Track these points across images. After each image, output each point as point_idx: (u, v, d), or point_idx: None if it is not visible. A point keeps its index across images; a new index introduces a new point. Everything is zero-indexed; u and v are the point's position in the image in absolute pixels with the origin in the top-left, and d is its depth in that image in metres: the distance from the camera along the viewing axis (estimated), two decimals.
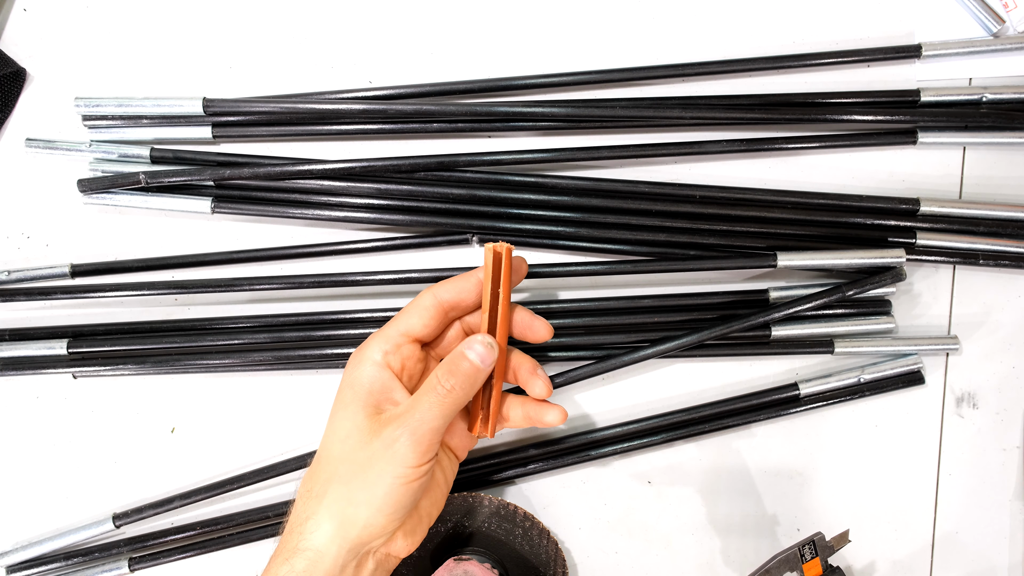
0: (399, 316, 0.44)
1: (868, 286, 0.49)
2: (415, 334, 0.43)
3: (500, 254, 0.43)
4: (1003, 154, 0.52)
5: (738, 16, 0.53)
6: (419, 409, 0.40)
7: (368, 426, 0.41)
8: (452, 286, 0.43)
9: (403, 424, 0.40)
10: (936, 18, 0.52)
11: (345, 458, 0.40)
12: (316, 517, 0.40)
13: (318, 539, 0.39)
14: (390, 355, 0.42)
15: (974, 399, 0.52)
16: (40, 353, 0.53)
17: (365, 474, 0.40)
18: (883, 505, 0.52)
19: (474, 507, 0.51)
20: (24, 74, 0.55)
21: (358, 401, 0.41)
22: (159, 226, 0.55)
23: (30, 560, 0.53)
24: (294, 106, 0.52)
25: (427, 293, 0.43)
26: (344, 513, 0.39)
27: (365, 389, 0.42)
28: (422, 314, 0.43)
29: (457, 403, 0.41)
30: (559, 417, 0.45)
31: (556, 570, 0.51)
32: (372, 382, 0.42)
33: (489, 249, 0.43)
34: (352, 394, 0.42)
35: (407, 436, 0.39)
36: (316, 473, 0.41)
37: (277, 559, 0.40)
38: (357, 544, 0.40)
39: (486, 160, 0.51)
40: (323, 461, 0.41)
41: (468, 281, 0.43)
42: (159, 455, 0.54)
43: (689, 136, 0.52)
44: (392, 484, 0.39)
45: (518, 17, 0.54)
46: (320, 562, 0.39)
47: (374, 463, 0.40)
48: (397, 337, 0.43)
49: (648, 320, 0.51)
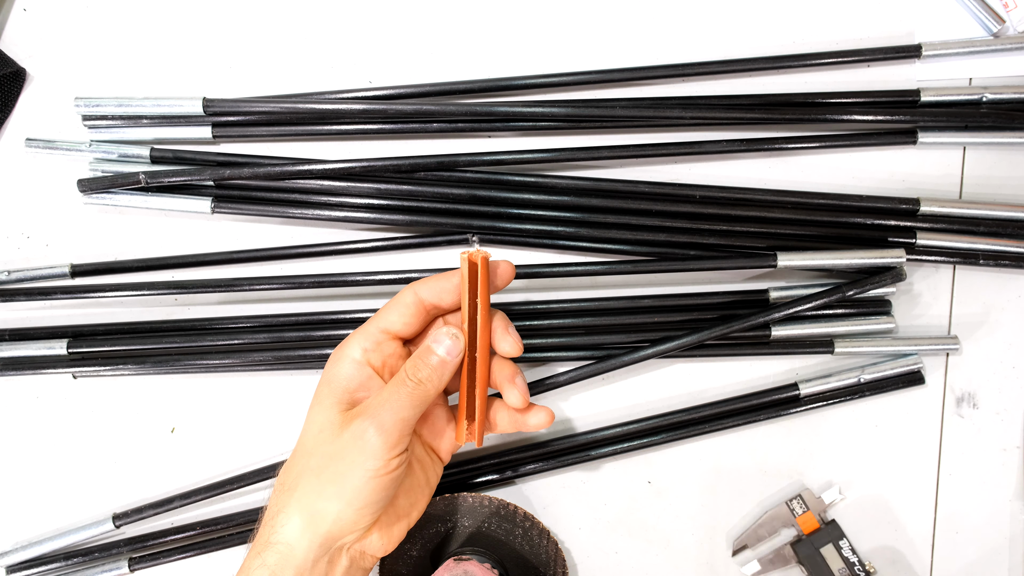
0: (380, 313, 0.43)
1: (868, 286, 0.49)
2: (395, 331, 0.43)
3: (475, 263, 0.42)
4: (1003, 154, 0.52)
5: (738, 16, 0.53)
6: (388, 401, 0.40)
7: (340, 420, 0.40)
8: (433, 285, 0.43)
9: (371, 416, 0.40)
10: (936, 18, 0.52)
11: (316, 451, 0.40)
12: (287, 510, 0.40)
13: (289, 533, 0.39)
14: (370, 352, 0.42)
15: (974, 399, 0.52)
16: (40, 353, 0.53)
17: (335, 467, 0.39)
18: (883, 505, 0.52)
19: (474, 507, 0.51)
20: (24, 74, 0.55)
21: (333, 396, 0.41)
22: (159, 226, 0.55)
23: (30, 560, 0.53)
24: (294, 106, 0.52)
25: (408, 290, 0.43)
26: (314, 507, 0.39)
27: (342, 386, 0.41)
28: (403, 311, 0.43)
29: (427, 395, 0.41)
30: (544, 420, 0.45)
31: (556, 570, 0.51)
32: (349, 379, 0.42)
33: (464, 258, 0.42)
34: (328, 390, 0.42)
35: (375, 428, 0.39)
36: (289, 467, 0.41)
37: (251, 553, 0.40)
38: (328, 538, 0.39)
39: (486, 160, 0.51)
40: (296, 456, 0.41)
41: (449, 281, 0.43)
42: (159, 455, 0.54)
43: (689, 136, 0.52)
44: (362, 477, 0.39)
45: (518, 17, 0.54)
46: (291, 556, 0.39)
47: (344, 456, 0.39)
48: (377, 334, 0.43)
49: (648, 320, 0.51)
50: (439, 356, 0.41)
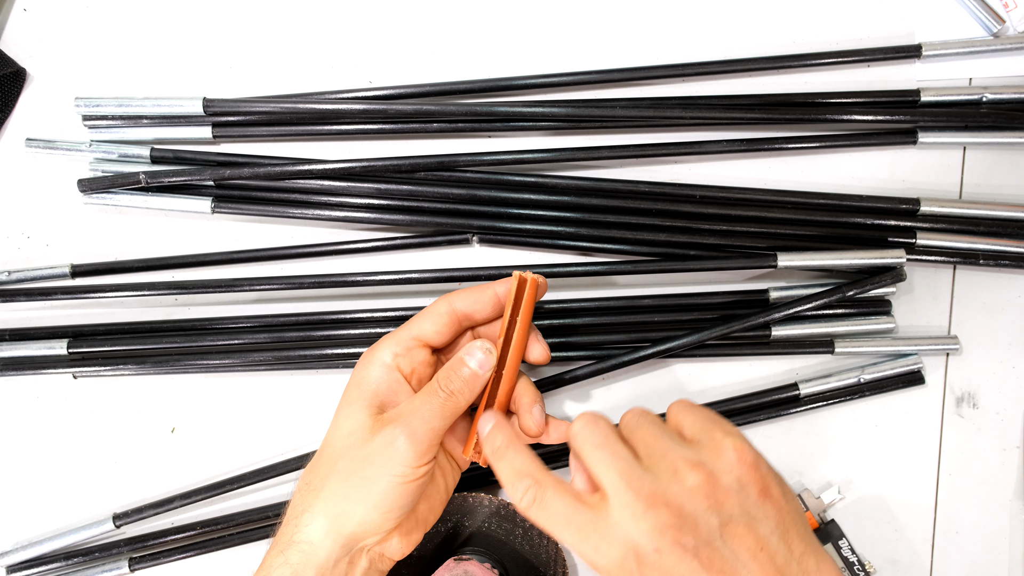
0: (413, 320, 0.44)
1: (868, 286, 0.49)
2: (427, 339, 0.43)
3: (525, 282, 0.43)
4: (1003, 154, 0.52)
5: (738, 16, 0.53)
6: (420, 410, 0.40)
7: (370, 424, 0.41)
8: (468, 297, 0.43)
9: (403, 424, 0.40)
10: (936, 18, 0.52)
11: (345, 454, 0.41)
12: (312, 510, 0.40)
13: (312, 532, 0.40)
14: (400, 357, 0.42)
15: (974, 399, 0.52)
16: (40, 353, 0.53)
17: (363, 471, 0.40)
18: (883, 505, 0.52)
19: (474, 507, 0.51)
20: (24, 74, 0.55)
21: (363, 399, 0.41)
22: (159, 226, 0.55)
23: (30, 560, 0.53)
24: (294, 106, 0.52)
25: (443, 300, 0.44)
26: (340, 508, 0.40)
27: (371, 389, 0.42)
28: (436, 320, 0.43)
29: (458, 407, 0.41)
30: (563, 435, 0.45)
31: (556, 570, 0.51)
32: (379, 382, 0.42)
33: (515, 276, 0.43)
34: (358, 392, 0.42)
35: (406, 436, 0.40)
36: (316, 467, 0.42)
37: (273, 550, 0.41)
38: (351, 540, 0.40)
39: (486, 160, 0.51)
40: (324, 456, 0.42)
41: (484, 293, 0.43)
42: (159, 455, 0.54)
43: (689, 136, 0.52)
44: (389, 483, 0.39)
45: (518, 17, 0.54)
46: (313, 555, 0.39)
47: (372, 461, 0.40)
48: (408, 340, 0.43)
49: (648, 320, 0.51)
50: (471, 369, 0.42)
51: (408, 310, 0.52)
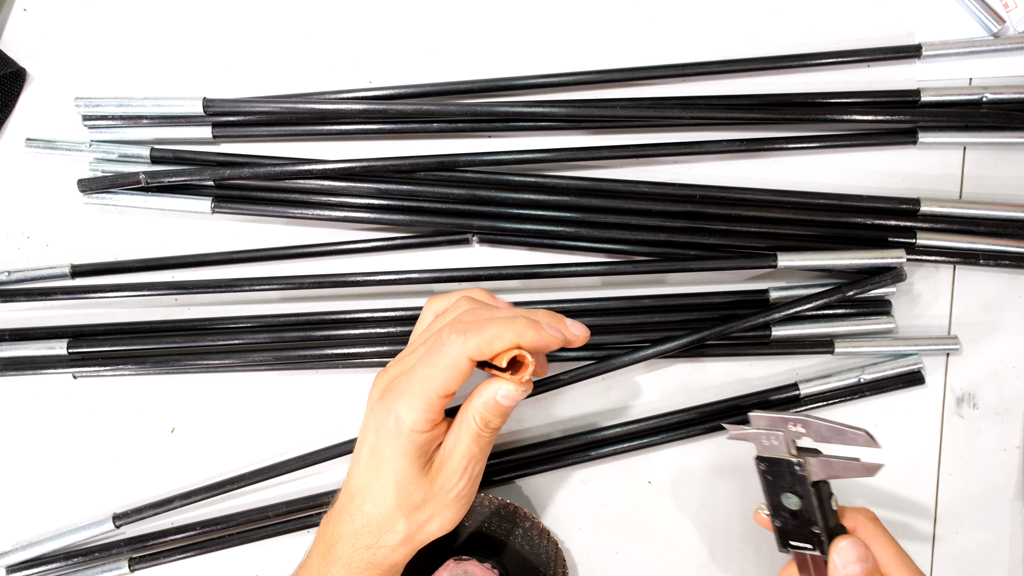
0: (438, 377, 0.41)
1: (868, 286, 0.49)
2: (452, 392, 0.42)
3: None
4: (1003, 154, 0.52)
5: (738, 16, 0.53)
6: (468, 453, 0.42)
7: (420, 476, 0.42)
8: (487, 345, 0.41)
9: (456, 475, 0.42)
10: (936, 18, 0.52)
11: (403, 504, 0.42)
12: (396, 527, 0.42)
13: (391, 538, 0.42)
14: (434, 420, 0.42)
15: (974, 399, 0.52)
16: (40, 353, 0.53)
17: (430, 507, 0.43)
18: (883, 505, 0.52)
19: (474, 507, 0.51)
20: (24, 74, 0.55)
21: (406, 457, 0.42)
22: (159, 226, 0.55)
23: (30, 560, 0.53)
24: (294, 106, 0.52)
25: (461, 355, 0.40)
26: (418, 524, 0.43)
27: (415, 455, 0.42)
28: (460, 379, 0.41)
29: (495, 436, 0.44)
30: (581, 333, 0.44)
31: (556, 570, 0.51)
32: (421, 445, 0.42)
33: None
34: (398, 449, 0.42)
35: (467, 485, 0.43)
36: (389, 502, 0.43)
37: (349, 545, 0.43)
38: (419, 542, 0.43)
39: (486, 160, 0.51)
40: (396, 495, 0.42)
41: (502, 339, 0.41)
42: (159, 455, 0.54)
43: (689, 136, 0.52)
44: (452, 520, 0.43)
45: (518, 17, 0.54)
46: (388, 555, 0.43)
47: (429, 503, 0.42)
48: (438, 401, 0.41)
49: (648, 320, 0.51)
50: (505, 405, 0.42)
51: (408, 310, 0.52)
